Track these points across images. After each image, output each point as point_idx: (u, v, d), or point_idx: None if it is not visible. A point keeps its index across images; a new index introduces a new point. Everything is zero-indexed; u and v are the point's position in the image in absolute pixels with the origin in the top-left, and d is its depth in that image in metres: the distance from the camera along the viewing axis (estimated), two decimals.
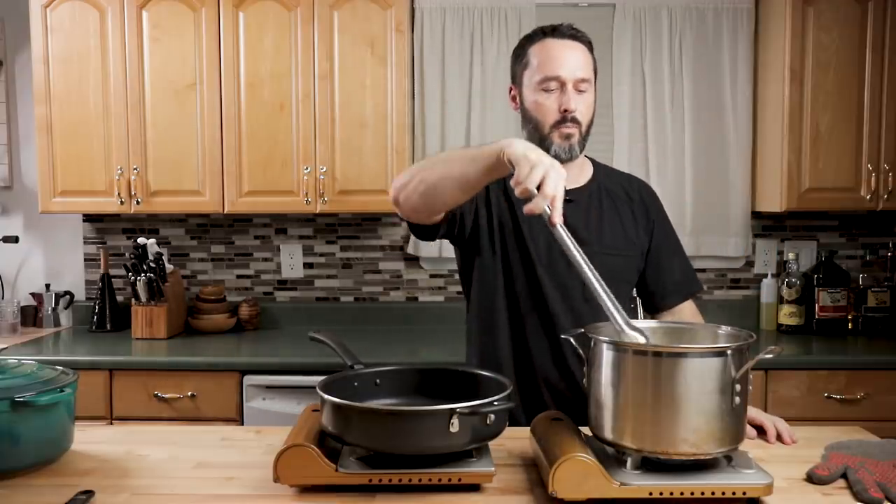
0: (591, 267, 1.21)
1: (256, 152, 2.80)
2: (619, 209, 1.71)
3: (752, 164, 3.05)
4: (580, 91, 1.61)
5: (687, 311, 1.80)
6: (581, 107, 1.61)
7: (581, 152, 1.66)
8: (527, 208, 1.19)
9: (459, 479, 1.18)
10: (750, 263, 3.15)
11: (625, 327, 1.20)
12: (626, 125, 3.03)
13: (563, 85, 1.60)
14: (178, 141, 2.80)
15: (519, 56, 1.68)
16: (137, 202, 2.82)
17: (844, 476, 1.24)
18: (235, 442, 1.48)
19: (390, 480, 1.17)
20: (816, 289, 2.92)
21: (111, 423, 2.51)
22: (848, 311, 2.94)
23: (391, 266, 3.18)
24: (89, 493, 1.18)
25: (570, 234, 1.21)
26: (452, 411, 1.15)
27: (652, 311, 1.81)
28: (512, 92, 1.71)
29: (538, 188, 1.19)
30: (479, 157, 1.35)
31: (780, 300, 2.97)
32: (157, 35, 2.78)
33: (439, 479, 1.18)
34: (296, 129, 2.80)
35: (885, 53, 2.75)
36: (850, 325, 2.96)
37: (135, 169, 2.81)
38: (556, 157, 1.60)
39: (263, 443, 1.46)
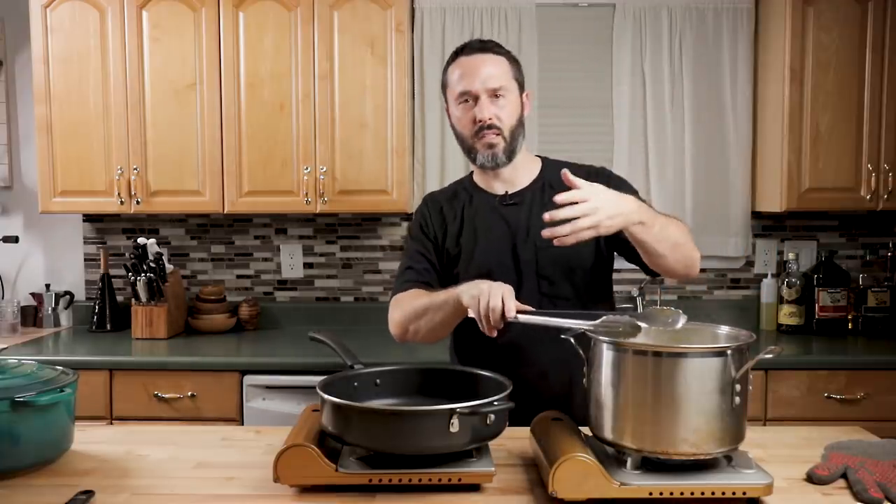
0: (565, 317, 1.33)
1: (256, 152, 2.80)
2: None
3: (752, 164, 3.05)
4: (497, 98, 1.67)
5: None
6: (501, 113, 1.67)
7: (509, 159, 1.71)
8: (491, 334, 1.42)
9: (459, 479, 1.18)
10: (750, 263, 3.15)
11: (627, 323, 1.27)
12: (626, 125, 3.02)
13: (476, 97, 1.67)
14: (178, 141, 2.80)
15: (443, 79, 1.77)
16: (137, 202, 2.82)
17: (844, 476, 1.24)
18: (235, 442, 1.48)
19: (390, 480, 1.18)
20: (816, 289, 2.92)
21: (111, 423, 2.51)
22: (848, 311, 2.94)
23: (391, 266, 3.18)
24: (89, 493, 1.18)
25: (536, 314, 1.39)
26: (452, 411, 1.15)
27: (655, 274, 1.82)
28: (448, 113, 1.79)
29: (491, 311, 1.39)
30: (446, 305, 1.56)
31: (780, 300, 2.97)
32: (157, 35, 2.78)
33: (439, 479, 1.18)
34: (296, 129, 2.79)
35: (885, 53, 2.74)
36: (850, 325, 2.95)
37: (135, 169, 2.81)
38: (482, 165, 1.71)
39: (263, 443, 1.46)
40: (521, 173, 1.75)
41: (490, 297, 1.40)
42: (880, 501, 1.15)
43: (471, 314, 1.47)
